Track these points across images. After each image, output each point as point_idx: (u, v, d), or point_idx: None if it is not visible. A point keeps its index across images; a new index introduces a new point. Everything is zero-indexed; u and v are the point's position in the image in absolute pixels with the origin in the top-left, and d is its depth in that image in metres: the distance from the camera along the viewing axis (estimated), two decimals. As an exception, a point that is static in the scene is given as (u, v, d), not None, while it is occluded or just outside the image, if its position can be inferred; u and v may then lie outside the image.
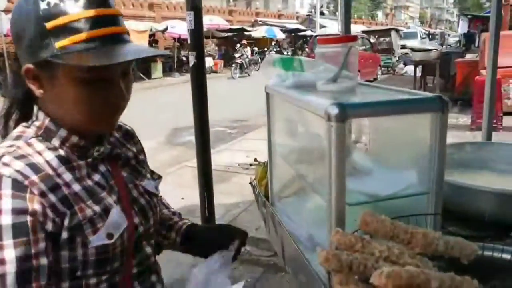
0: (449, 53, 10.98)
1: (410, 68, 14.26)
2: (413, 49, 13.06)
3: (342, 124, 0.82)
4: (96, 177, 0.85)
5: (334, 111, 0.82)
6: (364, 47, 14.19)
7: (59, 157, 0.81)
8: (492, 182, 1.48)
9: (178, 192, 3.81)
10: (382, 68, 16.62)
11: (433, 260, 0.85)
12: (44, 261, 0.74)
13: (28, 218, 0.72)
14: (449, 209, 1.34)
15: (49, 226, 0.75)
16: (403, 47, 18.81)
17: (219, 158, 5.11)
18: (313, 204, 1.24)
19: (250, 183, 1.70)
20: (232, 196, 4.02)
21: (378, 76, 15.14)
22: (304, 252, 1.07)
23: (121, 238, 0.84)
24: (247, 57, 19.24)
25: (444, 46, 20.01)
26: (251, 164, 4.46)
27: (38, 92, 0.80)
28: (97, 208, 0.81)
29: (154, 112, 9.00)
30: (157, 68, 17.17)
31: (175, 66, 18.09)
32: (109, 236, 0.81)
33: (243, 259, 2.86)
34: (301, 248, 1.10)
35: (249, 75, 18.07)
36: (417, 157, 0.99)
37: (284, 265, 1.39)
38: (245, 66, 18.54)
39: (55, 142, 0.82)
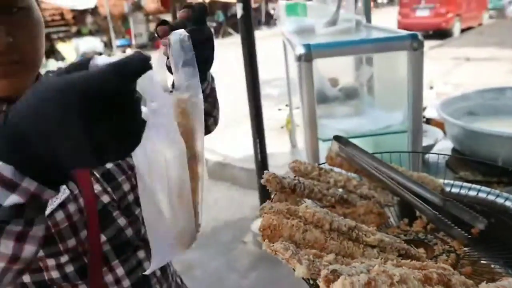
0: None
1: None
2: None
3: (308, 63, 0.88)
4: None
5: (301, 51, 0.88)
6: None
7: None
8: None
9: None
10: (491, 12, 14.77)
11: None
12: None
13: None
14: (464, 154, 1.32)
15: None
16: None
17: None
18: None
19: (282, 127, 1.79)
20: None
21: (484, 21, 13.54)
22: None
23: (66, 211, 0.68)
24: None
25: None
26: (279, 109, 4.37)
27: None
28: None
29: (237, 65, 9.20)
30: (246, 23, 17.31)
31: (263, 20, 18.09)
32: None
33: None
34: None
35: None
36: (395, 96, 1.00)
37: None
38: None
39: None
